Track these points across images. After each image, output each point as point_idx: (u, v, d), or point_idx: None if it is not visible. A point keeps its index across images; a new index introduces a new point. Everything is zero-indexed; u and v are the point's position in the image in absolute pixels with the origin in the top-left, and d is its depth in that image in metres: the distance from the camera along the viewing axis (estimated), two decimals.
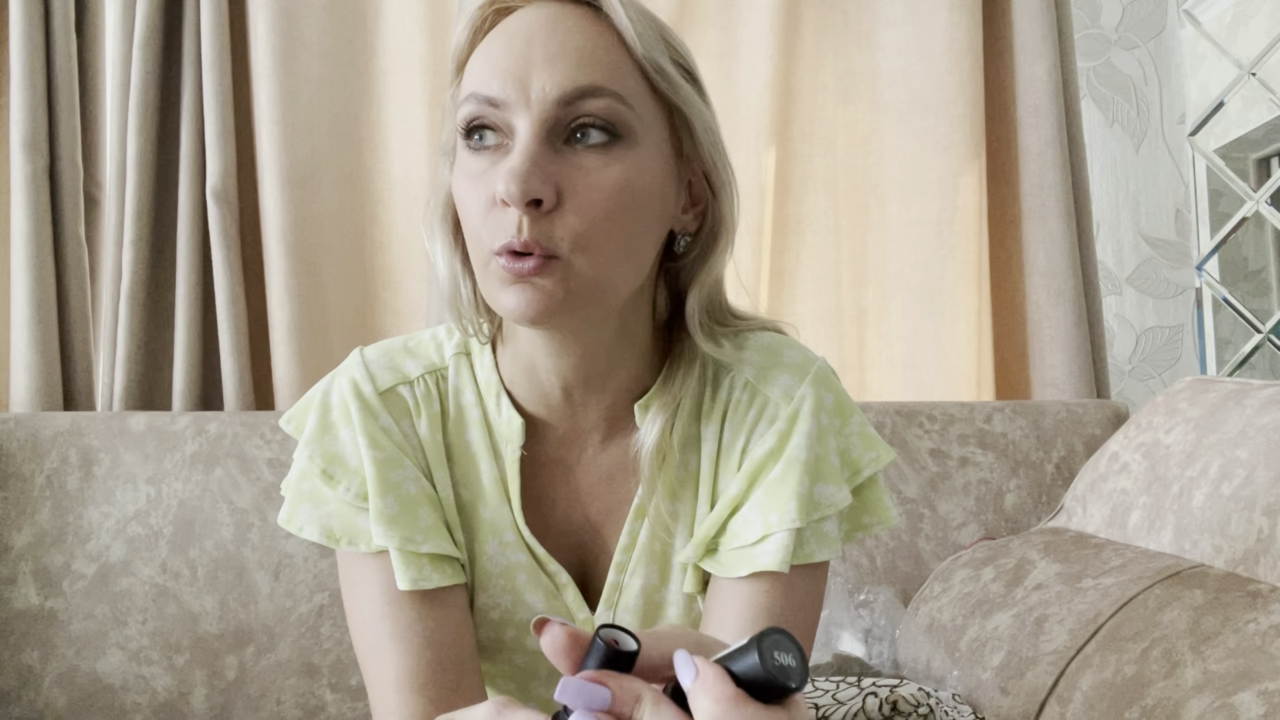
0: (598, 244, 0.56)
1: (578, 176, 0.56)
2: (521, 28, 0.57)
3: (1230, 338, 1.76)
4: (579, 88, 0.55)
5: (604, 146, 0.56)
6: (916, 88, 1.54)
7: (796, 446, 0.64)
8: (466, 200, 0.58)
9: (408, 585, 0.61)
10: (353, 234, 1.56)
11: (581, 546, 0.70)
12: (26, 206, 1.40)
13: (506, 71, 0.56)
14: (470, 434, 0.68)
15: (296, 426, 0.69)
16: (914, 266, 1.55)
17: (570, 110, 0.55)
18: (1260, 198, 1.69)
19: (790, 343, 0.71)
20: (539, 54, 0.56)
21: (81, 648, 1.27)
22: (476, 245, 0.58)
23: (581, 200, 0.55)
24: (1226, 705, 0.68)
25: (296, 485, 0.66)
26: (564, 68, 0.55)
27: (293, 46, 1.50)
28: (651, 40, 0.58)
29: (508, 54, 0.56)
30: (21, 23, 1.40)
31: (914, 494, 1.36)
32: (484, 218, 0.57)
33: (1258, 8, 1.73)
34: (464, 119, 0.58)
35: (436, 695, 0.61)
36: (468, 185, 0.58)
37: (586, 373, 0.65)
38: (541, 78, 0.55)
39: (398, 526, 0.62)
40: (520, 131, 0.55)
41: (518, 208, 0.54)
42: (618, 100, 0.56)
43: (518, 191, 0.53)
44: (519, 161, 0.54)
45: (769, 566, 0.61)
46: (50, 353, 1.42)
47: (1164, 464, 1.02)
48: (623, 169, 0.57)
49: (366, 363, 0.67)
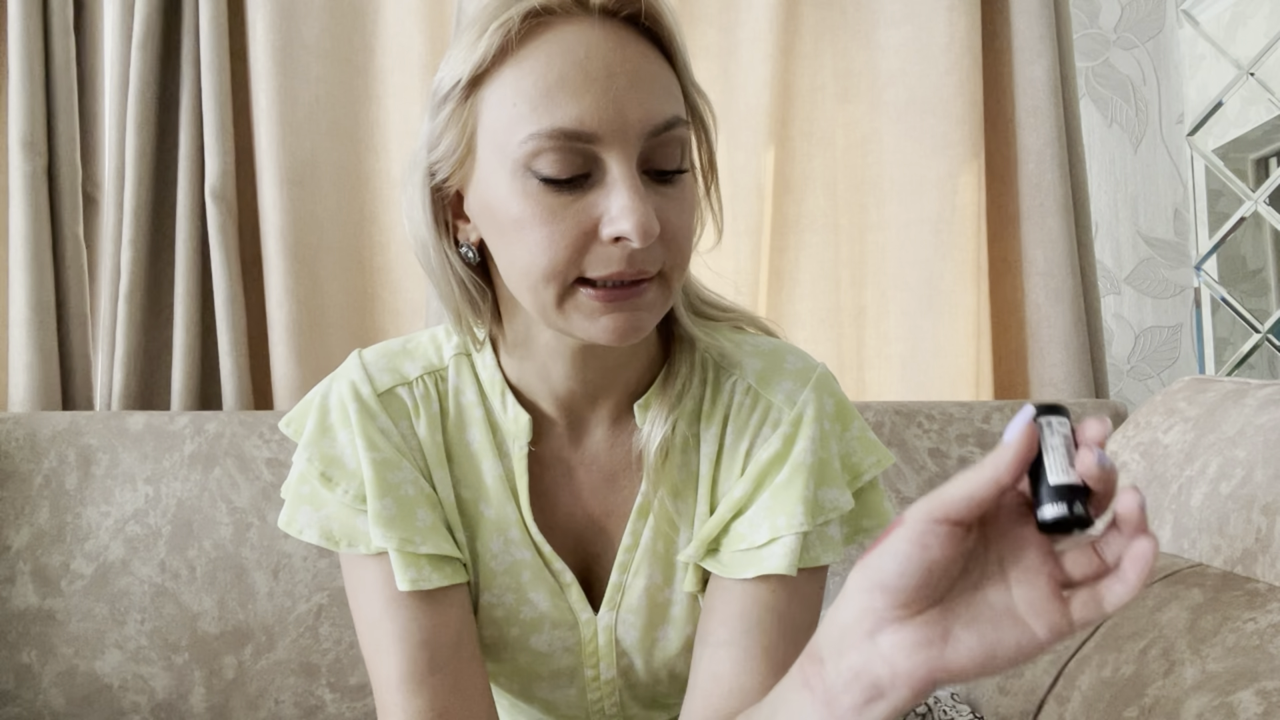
0: (682, 264, 0.59)
1: (666, 206, 0.57)
2: (592, 53, 0.54)
3: (1229, 337, 1.76)
4: (666, 120, 0.56)
5: (678, 175, 0.58)
6: (915, 88, 1.54)
7: (802, 451, 0.65)
8: (543, 234, 0.55)
9: (407, 586, 0.62)
10: (352, 233, 1.56)
11: (584, 545, 0.70)
12: (25, 206, 1.40)
13: (596, 105, 0.53)
14: (471, 433, 0.68)
15: (296, 429, 0.69)
16: (913, 266, 1.55)
17: (656, 141, 0.56)
18: (1259, 198, 1.69)
19: (790, 348, 0.72)
20: (623, 83, 0.54)
21: (80, 647, 1.27)
22: (555, 278, 0.56)
23: (673, 229, 0.57)
24: (1225, 704, 0.68)
25: (296, 488, 0.66)
26: (649, 99, 0.55)
27: (292, 46, 1.50)
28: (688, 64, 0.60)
29: (590, 83, 0.54)
30: (20, 22, 1.40)
31: (913, 494, 1.36)
32: (576, 251, 0.55)
33: (1256, 8, 1.73)
34: (542, 153, 0.54)
35: (435, 695, 0.61)
36: (546, 218, 0.55)
37: (603, 375, 0.66)
38: (633, 111, 0.54)
39: (396, 528, 0.62)
40: (613, 168, 0.54)
41: (643, 245, 0.54)
42: (686, 127, 0.58)
43: (647, 232, 0.54)
44: (636, 202, 0.54)
45: (777, 569, 0.62)
46: (49, 352, 1.42)
47: (1162, 463, 1.02)
48: (689, 192, 0.60)
49: (365, 365, 0.68)
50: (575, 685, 0.72)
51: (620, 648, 0.70)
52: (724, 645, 0.63)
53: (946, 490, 0.39)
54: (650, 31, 0.57)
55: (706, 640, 0.65)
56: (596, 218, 0.55)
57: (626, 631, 0.69)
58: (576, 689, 0.72)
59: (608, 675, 0.71)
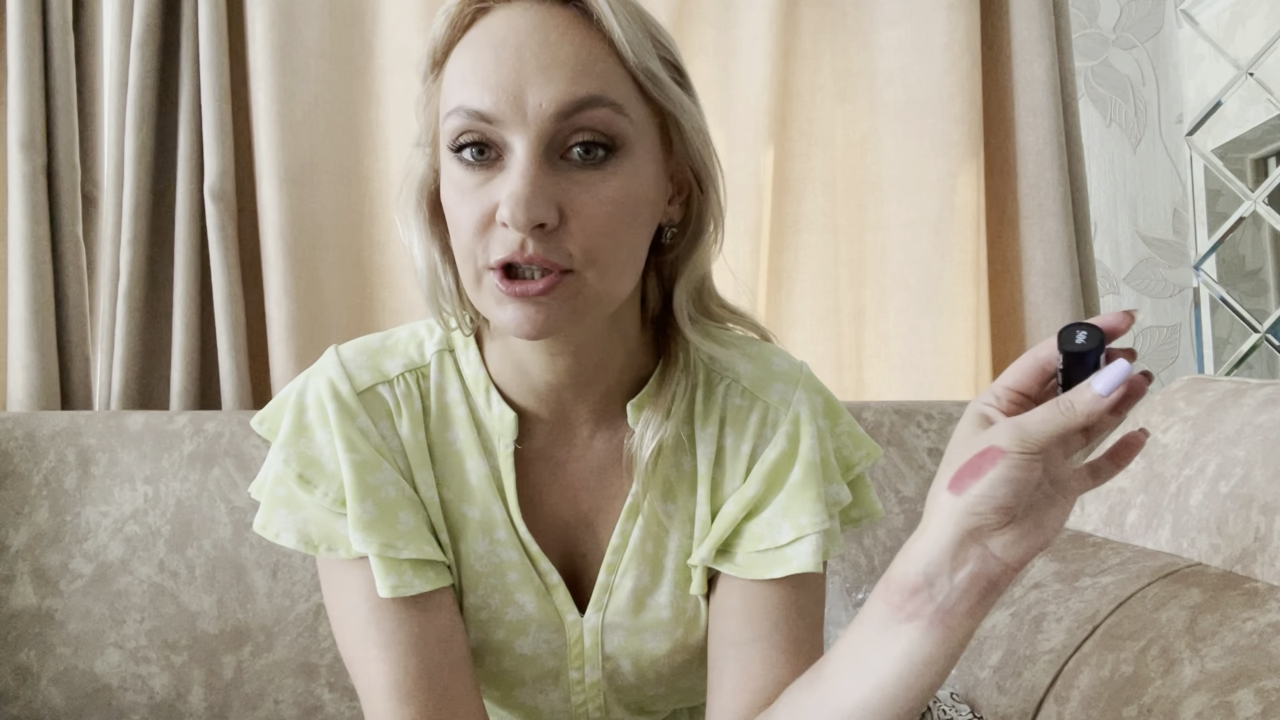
0: (605, 258, 0.56)
1: (578, 193, 0.55)
2: (510, 35, 0.54)
3: (1228, 337, 1.76)
4: (575, 100, 0.54)
5: (602, 160, 0.55)
6: (914, 87, 1.54)
7: (809, 449, 0.65)
8: (458, 214, 0.56)
9: (388, 592, 0.60)
10: (351, 233, 1.56)
11: (571, 544, 0.69)
12: (24, 206, 1.40)
13: (498, 86, 0.54)
14: (454, 432, 0.67)
15: (270, 428, 0.67)
16: (912, 266, 1.55)
17: (567, 124, 0.54)
18: (1258, 197, 1.69)
19: (774, 350, 0.71)
20: (531, 66, 0.54)
21: (79, 647, 1.27)
22: (469, 260, 0.56)
23: (585, 217, 0.55)
24: (1224, 704, 0.68)
25: (272, 490, 0.64)
26: (559, 81, 0.53)
27: (291, 46, 1.49)
28: (641, 44, 0.57)
29: (498, 66, 0.54)
30: (19, 21, 1.40)
31: (912, 493, 1.36)
32: (478, 234, 0.55)
33: (1255, 8, 1.73)
34: (452, 133, 0.55)
35: (425, 703, 0.60)
36: (459, 199, 0.56)
37: (578, 370, 0.64)
38: (537, 93, 0.53)
39: (376, 532, 0.61)
40: (516, 150, 0.54)
41: (522, 232, 0.53)
42: (614, 110, 0.55)
43: (523, 218, 0.52)
44: (520, 185, 0.53)
45: (806, 567, 0.63)
46: (48, 352, 1.42)
47: (1161, 463, 1.02)
48: (621, 180, 0.56)
49: (343, 362, 0.66)
50: (559, 688, 0.70)
51: (606, 650, 0.69)
52: (752, 643, 0.64)
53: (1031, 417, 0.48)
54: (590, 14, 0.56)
55: (731, 639, 0.65)
56: (496, 201, 0.54)
57: (613, 633, 0.68)
58: (560, 692, 0.70)
59: (593, 678, 0.70)
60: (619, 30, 0.55)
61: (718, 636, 0.66)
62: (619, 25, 0.55)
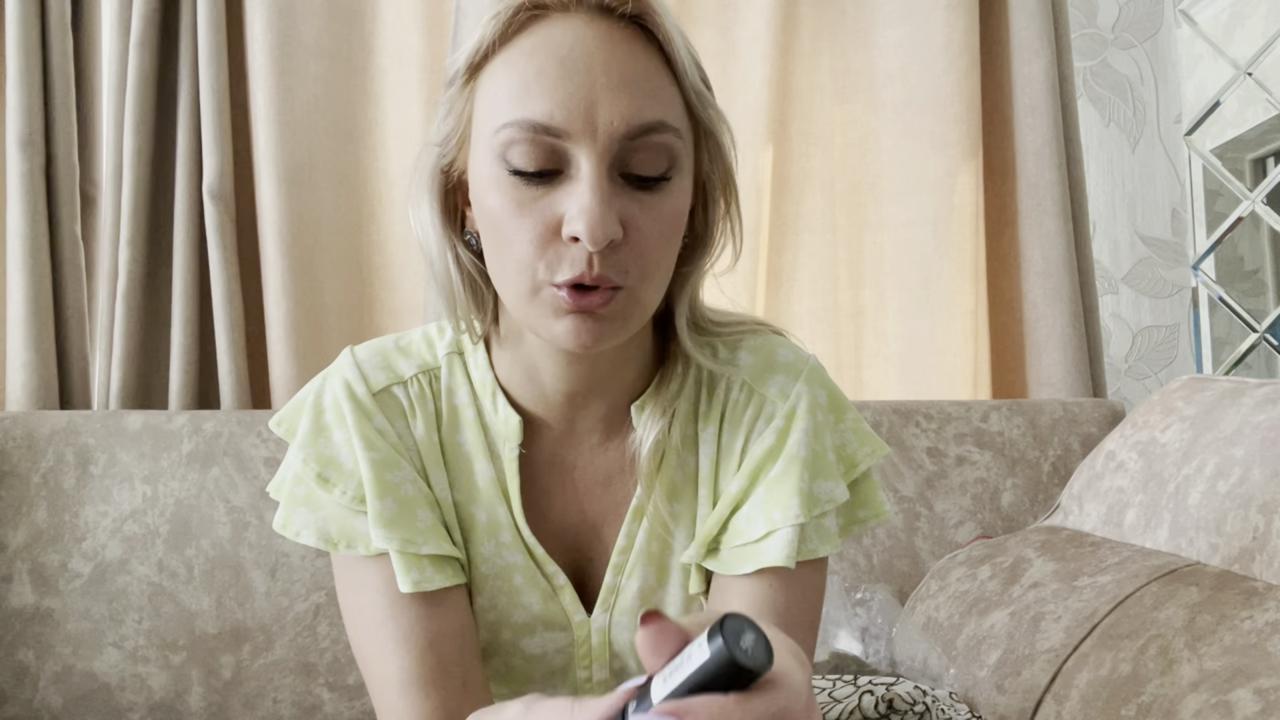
0: (655, 275, 0.57)
1: (638, 211, 0.55)
2: (576, 47, 0.54)
3: (1226, 337, 1.76)
4: (645, 124, 0.54)
5: (659, 180, 0.56)
6: (913, 87, 1.54)
7: (795, 444, 0.65)
8: (511, 225, 0.56)
9: (410, 587, 0.61)
10: (349, 233, 1.56)
11: (578, 547, 0.69)
12: (22, 205, 1.40)
13: (568, 99, 0.53)
14: (463, 434, 0.67)
15: (288, 429, 0.68)
16: (911, 266, 1.56)
17: (633, 144, 0.54)
18: (1256, 197, 1.69)
19: (781, 342, 0.71)
20: (602, 81, 0.53)
21: (78, 647, 1.27)
22: (525, 273, 0.56)
23: (644, 236, 0.56)
24: (1223, 702, 0.68)
25: (291, 489, 0.65)
26: (630, 100, 0.54)
27: (290, 45, 1.49)
28: (692, 66, 0.58)
29: (566, 78, 0.53)
30: (17, 20, 1.40)
31: (910, 493, 1.36)
32: (539, 247, 0.55)
33: (1254, 8, 1.73)
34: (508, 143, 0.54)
35: (444, 695, 0.61)
36: (514, 210, 0.55)
37: (592, 377, 0.65)
38: (608, 110, 0.53)
39: (397, 528, 0.62)
40: (583, 165, 0.54)
41: (597, 249, 0.53)
42: (675, 135, 0.56)
43: (601, 235, 0.52)
44: (594, 202, 0.53)
45: (775, 562, 0.62)
46: (46, 351, 1.42)
47: (1160, 462, 1.02)
48: (674, 200, 0.57)
49: (359, 363, 0.66)
50: (567, 687, 0.71)
51: (613, 649, 0.69)
52: None
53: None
54: (650, 34, 0.56)
55: None
56: (560, 215, 0.54)
57: (620, 633, 0.69)
58: (568, 691, 0.71)
59: (600, 677, 0.70)
60: (680, 53, 0.56)
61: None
62: (679, 49, 0.56)
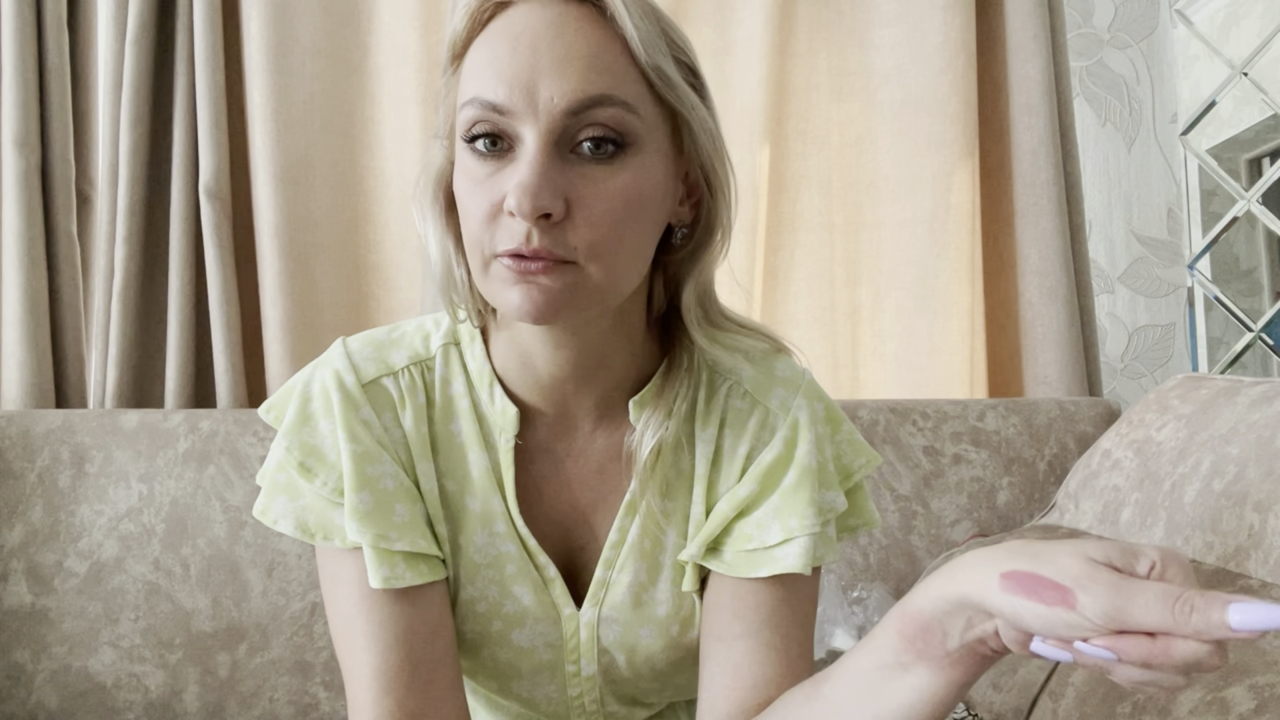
0: (609, 252, 0.57)
1: (585, 186, 0.55)
2: (526, 29, 0.55)
3: (1222, 337, 1.77)
4: (588, 98, 0.54)
5: (611, 155, 0.56)
6: (910, 86, 1.55)
7: (806, 454, 0.66)
8: (468, 203, 0.58)
9: (379, 583, 0.61)
10: (346, 231, 1.56)
11: (569, 538, 0.70)
12: (18, 204, 1.40)
13: (513, 78, 0.55)
14: (457, 424, 0.67)
15: (276, 416, 0.68)
16: (907, 265, 1.56)
17: (578, 120, 0.55)
18: (1251, 197, 1.69)
19: (778, 357, 0.72)
20: (546, 60, 0.54)
21: (73, 646, 1.27)
22: (477, 248, 0.57)
23: (591, 211, 0.55)
24: (1218, 700, 0.68)
25: (273, 476, 0.65)
26: (572, 76, 0.54)
27: (286, 43, 1.49)
28: (654, 43, 0.57)
29: (513, 59, 0.55)
30: (13, 18, 1.40)
31: (907, 491, 1.36)
32: (487, 223, 0.56)
33: (1249, 8, 1.73)
34: (467, 123, 0.57)
35: (406, 695, 0.61)
36: (470, 188, 0.57)
37: (582, 364, 0.65)
38: (549, 87, 0.54)
39: (371, 523, 0.62)
40: (527, 141, 0.55)
41: (528, 221, 0.54)
42: (625, 109, 0.56)
43: (529, 206, 0.53)
44: (528, 175, 0.54)
45: (793, 569, 0.64)
46: (42, 350, 1.42)
47: (1155, 461, 1.02)
48: (629, 176, 0.57)
49: (350, 353, 0.67)
50: (555, 681, 0.71)
51: (602, 644, 0.70)
52: (741, 639, 0.64)
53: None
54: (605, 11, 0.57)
55: (720, 635, 0.65)
56: (505, 190, 0.55)
57: (609, 628, 0.69)
58: (556, 685, 0.72)
59: (588, 671, 0.70)
60: (632, 28, 0.56)
61: (708, 632, 0.67)
62: (632, 23, 0.56)
